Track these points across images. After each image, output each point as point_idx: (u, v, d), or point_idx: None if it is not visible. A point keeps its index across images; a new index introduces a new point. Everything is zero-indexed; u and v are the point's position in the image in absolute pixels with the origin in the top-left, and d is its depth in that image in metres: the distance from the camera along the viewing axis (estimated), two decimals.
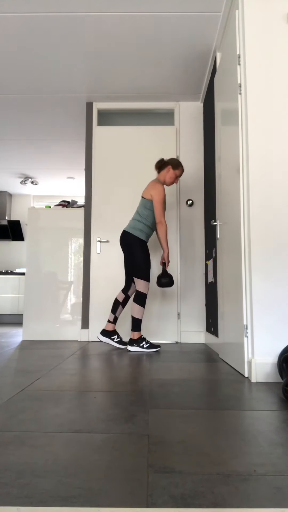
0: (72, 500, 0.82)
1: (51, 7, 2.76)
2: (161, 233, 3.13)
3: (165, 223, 3.13)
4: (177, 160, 3.25)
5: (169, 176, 3.24)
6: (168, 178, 3.24)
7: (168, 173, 3.24)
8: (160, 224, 3.13)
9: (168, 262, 3.20)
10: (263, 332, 2.04)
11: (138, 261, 3.12)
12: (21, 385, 1.88)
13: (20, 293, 6.67)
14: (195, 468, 0.97)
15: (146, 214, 3.18)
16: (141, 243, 3.14)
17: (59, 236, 4.07)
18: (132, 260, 3.15)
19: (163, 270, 3.19)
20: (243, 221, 2.18)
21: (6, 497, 0.83)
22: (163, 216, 3.13)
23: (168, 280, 3.14)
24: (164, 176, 3.25)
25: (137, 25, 2.93)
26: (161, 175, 3.27)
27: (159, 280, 3.16)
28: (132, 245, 3.14)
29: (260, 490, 0.87)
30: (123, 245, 3.22)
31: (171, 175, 3.24)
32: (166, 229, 3.14)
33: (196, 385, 1.88)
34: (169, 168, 3.23)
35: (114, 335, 3.26)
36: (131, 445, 1.12)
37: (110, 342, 3.24)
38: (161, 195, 3.12)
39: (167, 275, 3.15)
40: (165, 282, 3.13)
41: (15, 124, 4.57)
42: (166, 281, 3.13)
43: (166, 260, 3.19)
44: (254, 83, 2.18)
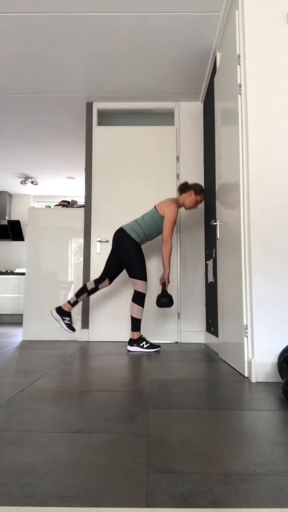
0: (72, 500, 0.82)
1: (51, 7, 2.76)
2: (166, 252, 3.12)
3: (170, 244, 3.13)
4: (200, 186, 3.25)
5: (190, 200, 3.24)
6: (188, 202, 3.25)
7: (190, 197, 3.24)
8: (165, 244, 3.12)
9: (168, 283, 3.19)
10: (263, 332, 2.04)
11: (133, 262, 3.12)
12: (21, 385, 1.88)
13: (20, 293, 6.67)
14: (195, 468, 0.97)
15: (149, 223, 3.17)
16: (134, 244, 3.14)
17: (59, 236, 4.07)
18: (126, 261, 3.14)
19: (163, 290, 3.17)
20: (243, 221, 2.18)
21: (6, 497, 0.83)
22: (170, 236, 3.13)
23: (167, 301, 3.12)
24: (184, 199, 3.26)
25: (137, 25, 2.93)
26: (182, 197, 3.27)
27: (158, 300, 3.14)
28: (125, 245, 3.13)
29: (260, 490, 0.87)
30: (116, 240, 3.19)
31: (192, 199, 3.24)
32: (171, 249, 3.13)
33: (196, 385, 1.88)
34: (191, 192, 3.24)
35: (67, 317, 3.24)
36: (131, 445, 1.12)
37: (60, 322, 3.23)
38: (174, 216, 3.13)
39: (166, 295, 3.14)
40: (164, 303, 3.12)
41: (15, 124, 4.57)
42: (166, 301, 3.12)
43: (166, 280, 3.17)
44: (254, 83, 2.18)
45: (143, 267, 3.13)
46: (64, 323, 3.23)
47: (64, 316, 3.24)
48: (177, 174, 3.99)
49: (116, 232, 3.22)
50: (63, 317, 3.23)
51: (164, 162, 4.00)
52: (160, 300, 3.14)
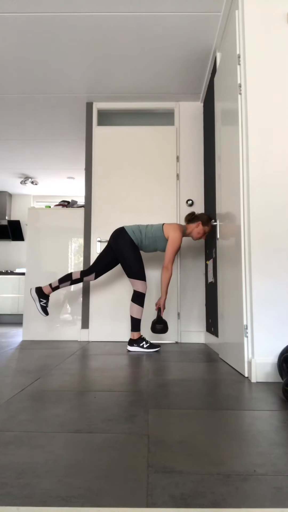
0: (72, 500, 0.82)
1: (51, 7, 2.76)
2: (165, 279, 3.12)
3: (171, 271, 3.12)
4: (207, 217, 3.23)
5: (197, 231, 3.23)
6: (195, 233, 3.24)
7: (197, 228, 3.23)
8: (166, 270, 3.11)
9: (164, 309, 3.18)
10: (263, 332, 2.04)
11: (131, 262, 3.11)
12: (21, 385, 1.88)
13: (20, 293, 6.67)
14: (195, 468, 0.97)
15: (149, 236, 3.17)
16: (132, 245, 3.13)
17: (59, 236, 4.07)
18: (124, 261, 3.13)
19: (158, 316, 3.16)
20: (243, 221, 2.18)
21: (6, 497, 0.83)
22: (171, 263, 3.12)
23: (162, 327, 3.11)
24: (192, 229, 3.25)
25: (137, 25, 2.93)
26: (189, 227, 3.26)
27: (153, 326, 3.13)
28: (125, 245, 3.12)
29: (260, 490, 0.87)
30: (114, 239, 3.17)
31: (200, 230, 3.23)
32: (170, 276, 3.12)
33: (196, 385, 1.88)
34: (199, 223, 3.22)
35: (44, 299, 3.24)
36: (131, 445, 1.12)
37: (36, 302, 3.23)
38: (178, 244, 3.13)
39: (161, 322, 3.13)
40: (159, 329, 3.11)
41: (15, 124, 4.57)
42: (161, 327, 3.11)
43: (161, 307, 3.16)
44: (254, 83, 2.18)
45: (141, 267, 3.13)
46: (39, 304, 3.23)
47: (42, 297, 3.24)
48: (177, 174, 3.99)
49: (117, 230, 3.20)
50: (40, 299, 3.23)
51: (164, 162, 4.00)
52: (155, 326, 3.13)
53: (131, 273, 3.12)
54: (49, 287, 3.25)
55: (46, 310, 3.26)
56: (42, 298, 3.24)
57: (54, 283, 3.24)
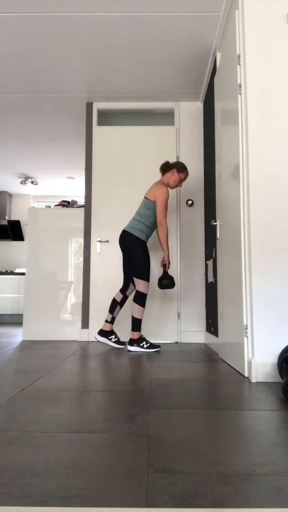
0: (72, 500, 0.82)
1: (51, 7, 2.76)
2: (162, 235, 3.13)
3: (166, 225, 3.13)
4: (182, 164, 3.24)
5: (173, 179, 3.23)
6: (172, 181, 3.24)
7: (173, 176, 3.23)
8: (161, 226, 3.12)
9: (169, 264, 3.20)
10: (263, 332, 2.04)
11: (137, 261, 3.12)
12: (21, 385, 1.88)
13: (20, 293, 6.67)
14: (195, 468, 0.97)
15: (147, 214, 3.18)
16: (140, 243, 3.14)
17: (59, 236, 4.07)
18: (131, 260, 3.15)
19: (164, 272, 3.18)
20: (243, 221, 2.18)
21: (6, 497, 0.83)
22: (164, 218, 3.13)
23: (169, 282, 3.13)
24: (168, 179, 3.25)
25: (137, 25, 2.93)
26: (165, 178, 3.26)
27: (160, 282, 3.15)
28: (131, 245, 3.14)
29: (260, 490, 0.87)
30: (122, 244, 3.21)
31: (175, 178, 3.23)
32: (167, 231, 3.13)
33: (196, 385, 1.88)
34: (174, 171, 3.23)
35: (111, 335, 3.26)
36: (131, 445, 1.12)
37: (108, 342, 3.24)
38: (165, 197, 3.12)
39: (168, 277, 3.15)
40: (166, 284, 3.12)
41: (15, 124, 4.57)
42: (168, 282, 3.13)
43: (166, 262, 3.19)
44: (254, 83, 2.18)
45: (147, 267, 3.13)
46: (112, 342, 3.25)
47: (109, 335, 3.26)
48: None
49: (120, 236, 3.23)
50: (108, 338, 3.25)
51: None
52: (161, 281, 3.14)
53: (137, 272, 3.12)
54: (107, 324, 3.26)
55: (120, 341, 3.27)
56: (109, 336, 3.26)
57: (108, 317, 3.26)
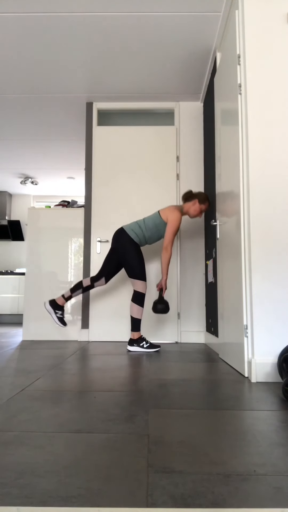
0: (72, 500, 0.82)
1: (51, 7, 2.76)
2: (165, 260, 3.13)
3: (170, 251, 3.13)
4: (205, 195, 3.24)
5: (194, 209, 3.23)
6: (192, 210, 3.24)
7: (194, 206, 3.23)
8: (165, 251, 3.12)
9: (165, 289, 3.19)
10: (263, 332, 2.04)
11: (132, 262, 3.12)
12: (21, 385, 1.88)
13: (20, 293, 6.67)
14: (195, 468, 0.97)
15: (150, 227, 3.17)
16: (134, 245, 3.14)
17: (59, 236, 4.07)
18: (125, 261, 3.14)
19: (160, 296, 3.17)
20: (243, 221, 2.18)
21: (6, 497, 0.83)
22: (170, 244, 3.13)
23: (163, 307, 3.11)
24: (188, 208, 3.25)
25: (137, 25, 2.93)
26: (186, 206, 3.26)
27: (154, 306, 3.13)
28: (125, 245, 3.13)
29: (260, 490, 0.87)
30: (115, 240, 3.19)
31: (196, 208, 3.23)
32: (170, 256, 3.13)
33: (196, 385, 1.88)
34: (195, 201, 3.22)
35: (59, 310, 3.25)
36: (131, 445, 1.12)
37: (52, 314, 3.23)
38: (177, 224, 3.13)
39: (163, 302, 3.13)
40: (160, 309, 3.11)
41: (15, 124, 4.57)
42: (162, 307, 3.11)
43: (163, 287, 3.17)
44: (254, 83, 2.18)
45: (142, 267, 3.13)
46: (56, 316, 3.23)
47: (57, 309, 3.24)
48: (177, 174, 3.99)
49: (116, 231, 3.21)
50: (55, 310, 3.24)
51: (164, 162, 4.00)
52: (156, 306, 3.13)
53: (132, 273, 3.12)
54: (62, 298, 3.25)
55: (63, 320, 3.26)
56: (57, 309, 3.24)
57: (66, 293, 3.25)
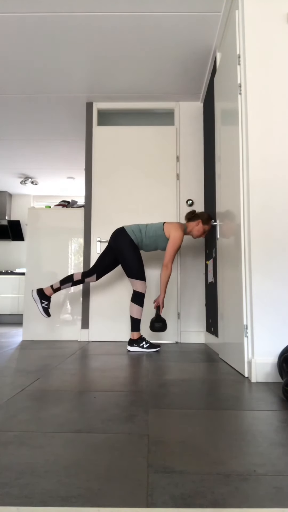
0: (72, 500, 0.82)
1: (51, 7, 2.76)
2: (164, 277, 3.12)
3: (170, 269, 3.12)
4: (208, 215, 3.23)
5: (197, 229, 3.23)
6: (195, 231, 3.24)
7: (197, 227, 3.22)
8: (165, 269, 3.12)
9: (163, 307, 3.18)
10: (263, 332, 2.04)
11: (131, 262, 3.11)
12: (21, 385, 1.88)
13: (20, 293, 6.67)
14: (195, 468, 0.97)
15: (150, 235, 3.17)
16: (132, 245, 3.13)
17: (59, 236, 4.07)
18: (124, 261, 3.13)
19: (157, 314, 3.16)
20: (243, 221, 2.18)
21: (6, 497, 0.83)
22: (171, 262, 3.13)
23: (161, 325, 3.10)
24: (192, 228, 3.24)
25: (137, 25, 2.93)
26: (190, 226, 3.25)
27: (152, 325, 3.12)
28: (125, 245, 3.12)
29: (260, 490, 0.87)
30: (114, 240, 3.18)
31: (200, 229, 3.22)
32: (170, 275, 3.13)
33: (196, 385, 1.88)
34: (199, 222, 3.22)
35: (45, 300, 3.24)
36: (131, 445, 1.12)
37: (38, 304, 3.23)
38: (179, 243, 3.13)
39: (160, 320, 3.12)
40: (158, 327, 3.10)
41: (15, 124, 4.57)
42: (160, 326, 3.10)
43: (160, 305, 3.17)
44: (254, 83, 2.18)
45: (141, 267, 3.13)
46: (41, 305, 3.22)
47: (43, 299, 3.24)
48: (177, 174, 3.99)
49: (116, 230, 3.21)
50: (41, 300, 3.23)
51: (164, 162, 4.00)
52: (153, 324, 3.12)
53: (131, 273, 3.12)
54: (50, 289, 3.25)
55: (48, 311, 3.26)
56: (43, 299, 3.24)
57: (56, 285, 3.24)
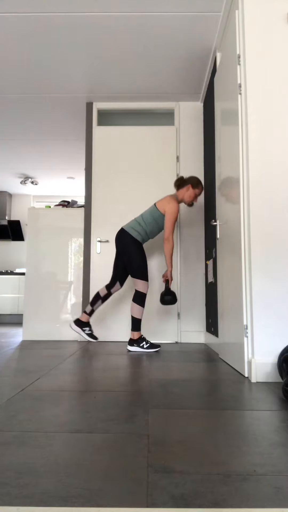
0: (72, 500, 0.82)
1: (51, 7, 2.76)
2: (168, 251, 3.12)
3: (172, 242, 3.12)
4: (197, 179, 3.22)
5: (188, 194, 3.21)
6: (187, 196, 3.22)
7: (188, 192, 3.21)
8: (167, 242, 3.11)
9: (171, 280, 3.19)
10: (263, 332, 2.04)
11: (135, 261, 3.12)
12: (21, 385, 1.88)
13: (20, 293, 6.67)
14: (195, 468, 0.97)
15: (149, 221, 3.17)
16: (136, 243, 3.14)
17: (59, 236, 4.07)
18: (128, 260, 3.14)
19: (166, 288, 3.17)
20: (243, 221, 2.18)
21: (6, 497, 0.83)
22: (171, 234, 3.12)
23: (171, 298, 3.11)
24: (183, 194, 3.23)
25: (137, 25, 2.93)
26: (180, 193, 3.24)
27: (162, 298, 3.13)
28: (128, 245, 3.13)
29: (260, 490, 0.87)
30: (118, 242, 3.19)
31: (191, 193, 3.21)
32: (172, 247, 3.12)
33: (196, 385, 1.88)
34: (189, 186, 3.20)
35: (86, 327, 3.25)
36: (131, 445, 1.12)
37: (81, 333, 3.23)
38: (175, 214, 3.12)
39: (170, 293, 3.13)
40: (168, 300, 3.11)
41: (15, 124, 4.57)
42: (170, 298, 3.11)
43: (169, 278, 3.17)
44: (254, 83, 2.18)
45: (144, 267, 3.13)
46: (85, 333, 3.23)
47: (84, 326, 3.25)
48: (177, 174, 3.99)
49: (118, 233, 3.22)
50: (82, 328, 3.24)
51: (164, 162, 4.00)
52: (163, 297, 3.13)
53: (135, 272, 3.12)
54: (85, 315, 3.25)
55: (93, 335, 3.25)
56: (84, 327, 3.25)
57: (88, 309, 3.25)
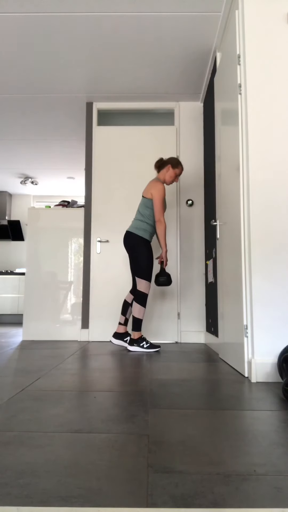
0: (72, 500, 0.82)
1: (51, 7, 2.76)
2: (160, 232, 3.13)
3: (164, 222, 3.13)
4: (176, 159, 3.25)
5: (169, 175, 3.24)
6: (168, 177, 3.24)
7: (168, 172, 3.24)
8: (159, 223, 3.13)
9: (166, 261, 3.20)
10: (263, 332, 2.04)
11: (140, 260, 3.12)
12: (21, 385, 1.88)
13: (20, 293, 6.67)
14: (195, 468, 0.97)
15: (147, 213, 3.18)
16: (145, 243, 3.14)
17: (59, 236, 4.07)
18: (135, 259, 3.14)
19: (161, 269, 3.18)
20: (243, 221, 2.18)
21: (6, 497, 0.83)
22: (162, 215, 3.13)
23: (165, 279, 3.12)
24: (164, 175, 3.25)
25: (137, 25, 2.93)
26: (161, 174, 3.27)
27: (157, 279, 3.15)
28: (136, 245, 3.14)
29: (260, 490, 0.87)
30: (126, 245, 3.21)
31: (171, 173, 3.24)
32: (165, 228, 3.13)
33: (196, 385, 1.88)
34: (168, 167, 3.23)
35: (127, 337, 3.26)
36: (131, 445, 1.12)
37: (124, 344, 3.24)
38: (161, 194, 3.12)
39: (165, 274, 3.14)
40: (162, 281, 3.12)
41: (15, 124, 4.57)
42: (164, 280, 3.12)
43: (164, 259, 3.19)
44: (254, 83, 2.18)
45: (150, 267, 3.13)
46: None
47: (124, 337, 3.25)
48: None
49: (124, 237, 3.23)
50: (124, 339, 3.24)
51: None
52: (158, 278, 3.14)
53: (139, 272, 3.12)
54: (121, 326, 3.26)
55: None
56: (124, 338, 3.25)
57: (121, 319, 3.27)
